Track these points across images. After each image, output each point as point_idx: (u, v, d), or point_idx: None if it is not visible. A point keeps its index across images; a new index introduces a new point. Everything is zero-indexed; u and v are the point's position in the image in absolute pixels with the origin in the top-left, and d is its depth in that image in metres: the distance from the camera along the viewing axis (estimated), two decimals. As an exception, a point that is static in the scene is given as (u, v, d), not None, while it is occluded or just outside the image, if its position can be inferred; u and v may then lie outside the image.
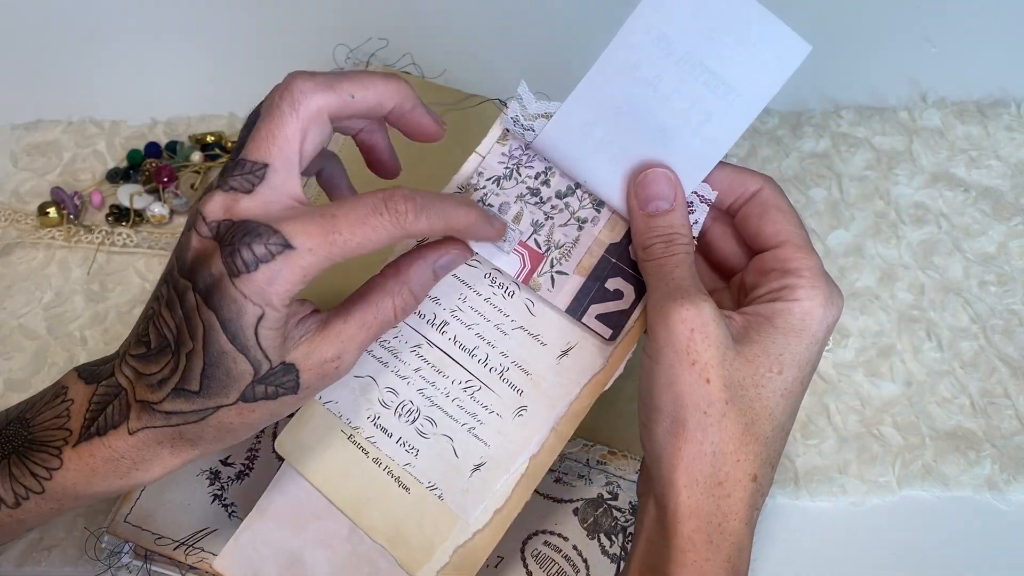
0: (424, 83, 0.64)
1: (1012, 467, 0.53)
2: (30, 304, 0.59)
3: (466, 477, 0.43)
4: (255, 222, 0.35)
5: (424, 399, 0.43)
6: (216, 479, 0.50)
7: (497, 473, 0.43)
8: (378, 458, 0.43)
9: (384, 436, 0.43)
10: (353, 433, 0.44)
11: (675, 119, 0.41)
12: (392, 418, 0.44)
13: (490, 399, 0.43)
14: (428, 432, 0.43)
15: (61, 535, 0.51)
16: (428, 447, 0.43)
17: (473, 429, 0.43)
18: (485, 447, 0.43)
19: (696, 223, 0.42)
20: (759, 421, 0.38)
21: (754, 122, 0.65)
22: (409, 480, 0.43)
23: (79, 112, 0.67)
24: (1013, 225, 0.61)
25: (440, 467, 0.43)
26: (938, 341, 0.57)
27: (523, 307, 0.43)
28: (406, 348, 0.44)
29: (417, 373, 0.44)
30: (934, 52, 0.70)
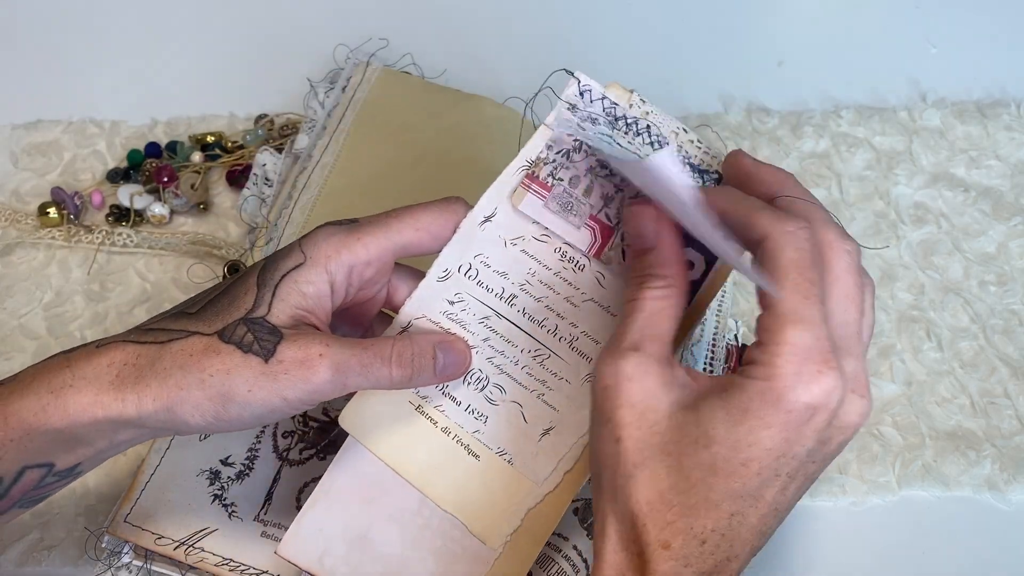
0: (424, 83, 0.64)
1: (1012, 467, 0.53)
2: (30, 304, 0.59)
3: (536, 441, 0.43)
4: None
5: (493, 367, 0.43)
6: (216, 479, 0.50)
7: (567, 437, 0.43)
8: (447, 427, 0.43)
9: (453, 404, 0.43)
10: (421, 403, 0.43)
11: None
12: (461, 386, 0.43)
13: (559, 366, 0.43)
14: (497, 399, 0.43)
15: (61, 535, 0.51)
16: (497, 414, 0.43)
17: (543, 395, 0.43)
18: (555, 412, 0.43)
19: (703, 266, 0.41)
20: (678, 491, 0.34)
21: (754, 122, 0.66)
22: (478, 447, 0.43)
23: (79, 112, 0.67)
24: (1013, 225, 0.61)
25: (509, 433, 0.43)
26: (938, 341, 0.57)
27: (594, 280, 0.43)
28: (474, 320, 0.43)
29: (486, 343, 0.43)
30: (934, 52, 0.70)
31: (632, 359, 0.36)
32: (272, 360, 0.38)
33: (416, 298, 0.44)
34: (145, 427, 0.39)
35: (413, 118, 0.62)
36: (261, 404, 0.38)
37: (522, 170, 0.43)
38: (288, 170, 0.61)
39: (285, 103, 0.66)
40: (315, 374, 0.38)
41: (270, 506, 0.49)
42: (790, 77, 0.69)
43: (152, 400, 0.38)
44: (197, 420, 0.38)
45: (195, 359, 0.38)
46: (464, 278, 0.43)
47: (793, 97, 0.67)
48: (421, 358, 0.41)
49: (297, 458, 0.50)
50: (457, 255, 0.43)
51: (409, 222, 0.42)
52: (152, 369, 0.38)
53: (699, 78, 0.69)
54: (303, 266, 0.41)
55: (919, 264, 0.60)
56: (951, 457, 0.53)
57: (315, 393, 0.39)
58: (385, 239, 0.42)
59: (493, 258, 0.43)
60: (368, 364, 0.40)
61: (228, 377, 0.38)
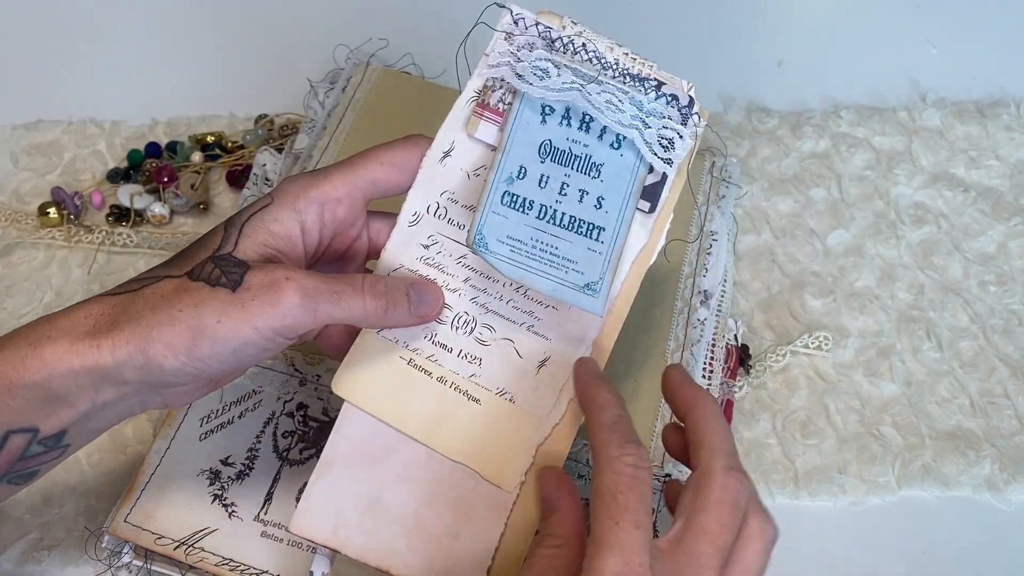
0: (424, 83, 0.64)
1: (1012, 467, 0.53)
2: (30, 304, 0.59)
3: (534, 375, 0.43)
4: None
5: (478, 307, 0.43)
6: (216, 479, 0.50)
7: (564, 364, 0.43)
8: (442, 376, 0.43)
9: (444, 352, 0.43)
10: (412, 356, 0.43)
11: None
12: (449, 332, 0.43)
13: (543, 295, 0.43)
14: (488, 339, 0.43)
15: (61, 535, 0.51)
16: (490, 354, 0.43)
17: (532, 327, 0.43)
18: (547, 342, 0.43)
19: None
20: None
21: (754, 122, 0.66)
22: (477, 391, 0.43)
23: (79, 112, 0.67)
24: (1013, 225, 0.61)
25: (506, 371, 0.43)
26: (938, 341, 0.57)
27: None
28: (451, 261, 0.44)
29: (467, 284, 0.43)
30: (934, 52, 0.70)
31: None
32: (239, 289, 0.38)
33: (391, 248, 0.44)
34: (124, 381, 0.39)
35: (413, 118, 0.62)
36: (232, 335, 0.38)
37: (472, 101, 0.43)
38: (288, 170, 0.61)
39: (285, 103, 0.66)
40: (283, 296, 0.38)
41: (270, 506, 0.49)
42: (790, 77, 0.69)
43: (126, 343, 0.38)
44: (171, 361, 0.38)
45: (166, 299, 0.39)
46: (435, 219, 0.44)
47: (793, 97, 0.68)
48: (394, 292, 0.41)
49: (297, 458, 0.51)
50: (423, 196, 0.44)
51: (374, 158, 0.43)
52: (126, 314, 0.39)
53: (699, 78, 0.68)
54: (270, 206, 0.41)
55: (919, 264, 0.60)
56: (951, 457, 0.53)
57: (285, 318, 0.38)
58: (351, 175, 0.42)
59: (459, 193, 0.43)
60: (339, 292, 0.40)
61: (197, 311, 0.38)
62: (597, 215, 0.42)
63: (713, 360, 0.55)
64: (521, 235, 0.42)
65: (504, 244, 0.41)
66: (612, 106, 0.42)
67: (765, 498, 0.52)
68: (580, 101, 0.42)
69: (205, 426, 0.51)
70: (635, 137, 0.42)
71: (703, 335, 0.55)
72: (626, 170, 0.43)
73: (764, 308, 0.58)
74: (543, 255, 0.42)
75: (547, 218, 0.42)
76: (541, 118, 0.43)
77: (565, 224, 0.42)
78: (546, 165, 0.42)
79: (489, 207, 0.42)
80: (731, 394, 0.54)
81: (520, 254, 0.41)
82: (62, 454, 0.42)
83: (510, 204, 0.42)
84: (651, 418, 0.52)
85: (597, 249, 0.42)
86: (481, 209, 0.41)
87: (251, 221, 0.41)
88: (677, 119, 0.43)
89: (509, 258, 0.41)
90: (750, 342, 0.57)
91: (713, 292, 0.57)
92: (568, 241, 0.42)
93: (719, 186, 0.61)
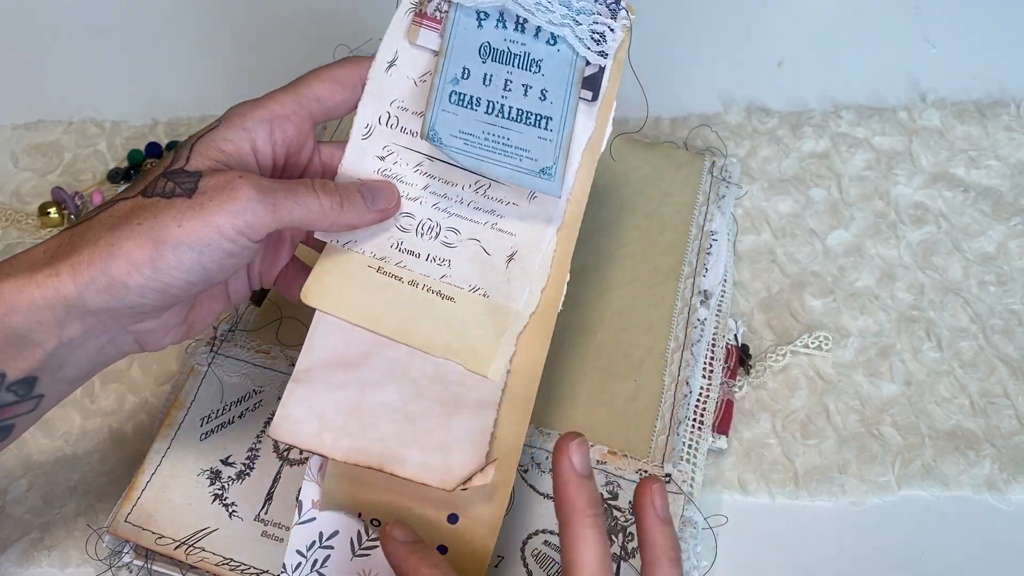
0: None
1: (1012, 467, 0.53)
2: (31, 304, 0.59)
3: (504, 270, 0.44)
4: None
5: (441, 212, 0.44)
6: (216, 479, 0.50)
7: (531, 255, 0.44)
8: (413, 279, 0.44)
9: (412, 258, 0.44)
10: (381, 264, 0.44)
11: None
12: (415, 239, 0.44)
13: (503, 192, 0.44)
14: (454, 241, 0.44)
15: (62, 535, 0.51)
16: (458, 255, 0.44)
17: (496, 224, 0.44)
18: (512, 237, 0.44)
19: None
20: None
21: (754, 122, 0.66)
22: (450, 290, 0.44)
23: (80, 112, 0.67)
24: (1012, 225, 0.61)
25: (476, 269, 0.44)
26: (938, 341, 0.57)
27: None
28: (408, 170, 0.44)
29: (427, 191, 0.44)
30: (934, 52, 0.70)
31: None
32: (195, 195, 0.38)
33: (346, 164, 0.44)
34: (89, 310, 0.38)
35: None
36: (195, 239, 0.38)
37: (409, 11, 0.45)
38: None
39: (285, 103, 0.66)
40: (239, 192, 0.38)
41: (270, 506, 0.49)
42: (790, 77, 0.69)
43: (87, 266, 0.37)
44: (135, 277, 0.38)
45: (123, 218, 0.38)
46: (387, 128, 0.44)
47: (793, 97, 0.68)
48: (346, 190, 0.42)
49: (297, 458, 0.51)
50: (373, 108, 0.44)
51: (315, 76, 0.44)
52: (83, 239, 0.38)
53: (699, 78, 0.69)
54: (219, 127, 0.42)
55: (919, 264, 0.60)
56: (951, 457, 0.53)
57: (244, 212, 0.38)
58: (295, 93, 0.43)
59: (408, 100, 0.44)
60: (292, 189, 0.40)
61: (156, 220, 0.38)
62: (543, 106, 0.44)
63: (713, 360, 0.55)
64: (472, 129, 0.43)
65: (457, 138, 0.42)
66: (542, 7, 0.43)
67: (765, 498, 0.52)
68: (510, 4, 0.43)
69: (205, 426, 0.51)
70: (567, 35, 0.44)
71: (703, 335, 0.55)
72: (564, 63, 0.44)
73: (764, 308, 0.58)
74: (496, 146, 0.43)
75: (495, 112, 0.43)
76: (477, 23, 0.44)
77: (513, 116, 0.43)
78: (488, 65, 0.44)
79: (438, 106, 0.43)
80: (731, 394, 0.54)
81: (474, 146, 0.42)
82: (36, 406, 0.41)
83: (458, 102, 0.43)
84: (651, 418, 0.52)
85: (547, 137, 0.43)
86: (431, 108, 0.43)
87: (201, 140, 0.41)
88: (606, 14, 0.44)
89: (463, 150, 0.42)
90: (750, 342, 0.57)
91: (713, 292, 0.57)
92: (518, 132, 0.43)
93: (719, 186, 0.61)
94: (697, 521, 0.50)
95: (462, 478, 0.41)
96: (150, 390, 0.56)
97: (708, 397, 0.53)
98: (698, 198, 0.60)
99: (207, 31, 0.72)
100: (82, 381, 0.42)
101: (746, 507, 0.52)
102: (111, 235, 0.38)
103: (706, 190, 0.60)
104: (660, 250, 0.58)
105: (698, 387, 0.53)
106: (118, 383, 0.56)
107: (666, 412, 0.52)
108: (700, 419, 0.52)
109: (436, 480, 0.41)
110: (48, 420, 0.55)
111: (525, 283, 0.44)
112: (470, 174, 0.44)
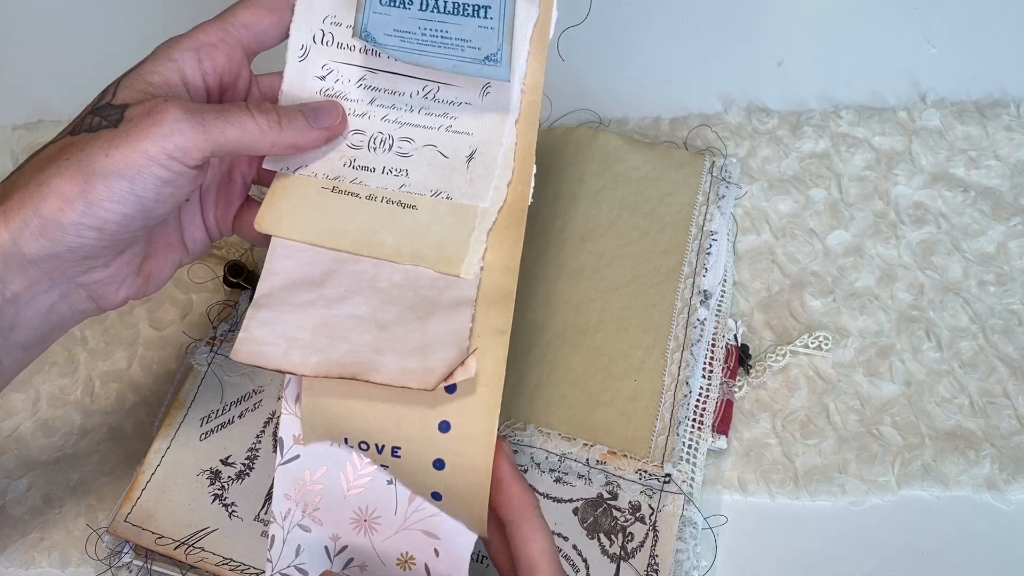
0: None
1: (1012, 467, 0.53)
2: (30, 304, 0.59)
3: (464, 170, 0.42)
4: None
5: (391, 124, 0.43)
6: (216, 479, 0.50)
7: (492, 151, 0.42)
8: (371, 194, 0.42)
9: (367, 173, 0.43)
10: (336, 183, 0.43)
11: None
12: (368, 154, 0.43)
13: (453, 93, 0.43)
14: (409, 151, 0.43)
15: (61, 535, 0.51)
16: (415, 163, 0.43)
17: (450, 127, 0.43)
18: (469, 136, 0.43)
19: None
20: None
21: (754, 122, 0.66)
22: (411, 199, 0.42)
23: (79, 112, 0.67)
24: (1012, 225, 0.61)
25: (436, 173, 0.42)
26: (937, 341, 0.57)
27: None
28: (351, 86, 0.43)
29: (374, 104, 0.43)
30: (934, 52, 0.70)
31: None
32: (121, 124, 0.37)
33: (286, 88, 0.43)
34: (28, 259, 0.37)
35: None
36: (123, 165, 0.37)
37: None
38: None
39: (285, 103, 0.66)
40: (165, 115, 0.37)
41: (270, 506, 0.49)
42: (790, 77, 0.69)
43: (18, 210, 0.36)
44: (68, 214, 0.36)
45: (51, 159, 0.37)
46: (323, 47, 0.43)
47: (793, 97, 0.67)
48: (286, 111, 0.40)
49: (297, 458, 0.50)
50: (306, 27, 0.43)
51: (241, 4, 0.43)
52: (13, 185, 0.37)
53: (699, 78, 0.69)
54: (145, 61, 0.41)
55: (919, 264, 0.60)
56: (951, 457, 0.53)
57: (172, 134, 0.37)
58: (221, 21, 0.42)
59: (341, 14, 0.43)
60: (224, 110, 0.39)
61: (83, 153, 0.37)
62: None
63: (713, 360, 0.55)
64: (408, 27, 0.41)
65: (392, 37, 0.41)
66: None
67: (765, 498, 0.52)
68: None
69: (205, 426, 0.51)
70: None
71: (703, 335, 0.55)
72: None
73: (764, 308, 0.58)
74: (435, 39, 0.41)
75: (430, 8, 0.42)
76: None
77: (448, 10, 0.42)
78: None
79: (369, 8, 0.41)
80: (731, 394, 0.54)
81: (411, 42, 0.41)
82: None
83: (389, 3, 0.42)
84: (651, 418, 0.52)
85: (488, 25, 0.42)
86: (361, 9, 0.41)
87: (127, 76, 0.40)
88: None
89: (400, 47, 0.41)
90: (750, 342, 0.57)
91: (713, 292, 0.57)
92: (456, 24, 0.41)
93: (719, 186, 0.61)
94: (697, 521, 0.50)
95: (442, 375, 0.38)
96: (150, 390, 0.56)
97: (708, 397, 0.53)
98: (698, 198, 0.60)
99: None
100: (39, 347, 0.41)
101: (746, 507, 0.52)
102: (40, 175, 0.37)
103: (706, 190, 0.60)
104: (660, 250, 0.58)
105: (698, 387, 0.53)
106: (118, 383, 0.56)
107: (666, 412, 0.52)
108: (700, 419, 0.52)
109: (416, 381, 0.38)
110: (48, 420, 0.55)
111: (489, 180, 0.42)
112: (416, 80, 0.43)
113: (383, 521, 0.40)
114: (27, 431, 0.54)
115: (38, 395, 0.55)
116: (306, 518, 0.41)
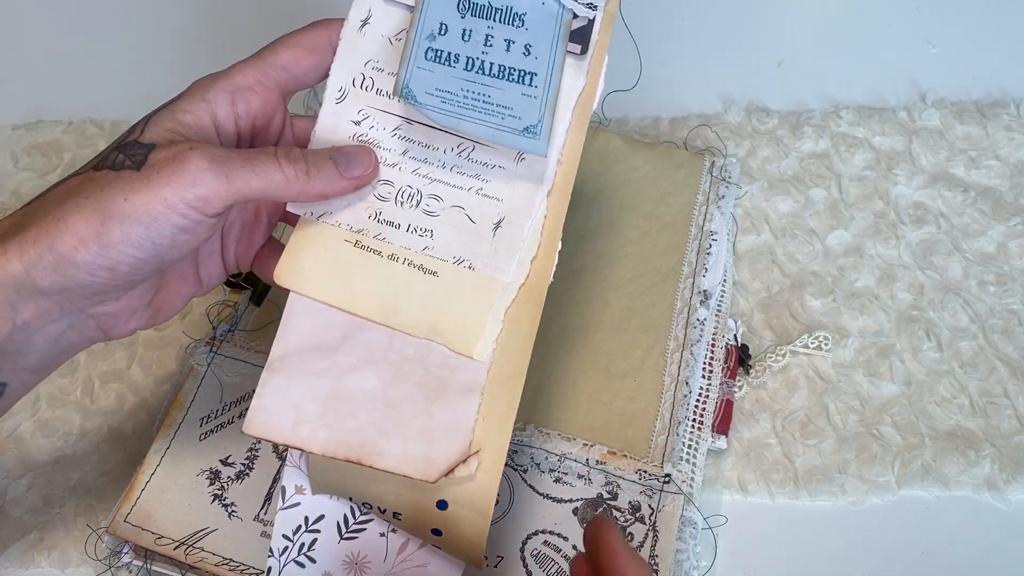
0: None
1: (1012, 467, 0.53)
2: (30, 304, 0.59)
3: (490, 239, 0.41)
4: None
5: (422, 178, 0.42)
6: (216, 479, 0.50)
7: (520, 221, 0.41)
8: (393, 253, 0.41)
9: (392, 229, 0.41)
10: (358, 237, 0.41)
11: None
12: (395, 208, 0.41)
13: (488, 154, 0.42)
14: (436, 209, 0.41)
15: (61, 535, 0.51)
16: (441, 224, 0.41)
17: (481, 190, 0.42)
18: (499, 202, 0.41)
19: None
20: None
21: (754, 122, 0.66)
22: (433, 263, 0.41)
23: (79, 112, 0.67)
24: (1012, 225, 0.61)
25: (460, 238, 0.41)
26: (937, 341, 0.57)
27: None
28: (386, 135, 0.42)
29: (406, 156, 0.42)
30: (934, 52, 0.70)
31: None
32: (144, 168, 0.37)
33: (319, 131, 0.42)
34: (40, 290, 0.36)
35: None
36: (142, 212, 0.36)
37: None
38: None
39: (285, 103, 0.66)
40: (188, 163, 0.36)
41: (270, 506, 0.49)
42: (790, 77, 0.69)
43: (33, 243, 0.36)
44: (82, 253, 0.36)
45: (71, 193, 0.37)
46: (362, 91, 0.42)
47: (793, 97, 0.68)
48: (315, 157, 0.39)
49: (297, 458, 0.51)
50: (347, 69, 0.42)
51: (280, 44, 0.42)
52: (32, 216, 0.37)
53: (699, 78, 0.69)
54: (178, 100, 0.40)
55: (919, 264, 0.60)
56: (950, 457, 0.53)
57: (195, 184, 0.36)
58: (259, 62, 0.41)
59: (384, 60, 0.42)
60: (252, 159, 0.38)
61: (102, 193, 0.36)
62: (526, 62, 0.41)
63: (713, 360, 0.55)
64: (450, 87, 0.40)
65: (434, 96, 0.40)
66: None
67: (765, 498, 0.52)
68: None
69: (205, 426, 0.51)
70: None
71: (703, 335, 0.55)
72: (550, 17, 0.42)
73: (764, 308, 0.58)
74: (476, 103, 0.40)
75: (475, 69, 0.41)
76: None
77: (494, 73, 0.41)
78: (467, 20, 0.41)
79: (413, 62, 0.40)
80: (731, 394, 0.54)
81: (452, 104, 0.40)
82: (0, 395, 0.39)
83: (435, 59, 0.41)
84: (651, 418, 0.52)
85: (531, 94, 0.41)
86: (405, 64, 0.40)
87: (158, 113, 0.39)
88: None
89: (440, 108, 0.40)
90: (750, 342, 0.57)
91: (713, 292, 0.57)
92: (500, 89, 0.41)
93: (719, 186, 0.61)
94: (697, 521, 0.50)
95: (444, 470, 0.39)
96: (150, 390, 0.56)
97: (708, 397, 0.53)
98: (698, 198, 0.60)
99: (207, 31, 0.72)
100: (47, 370, 0.41)
101: (746, 507, 0.52)
102: (58, 210, 0.36)
103: (706, 190, 0.60)
104: (660, 250, 0.58)
105: (698, 387, 0.53)
106: (118, 383, 0.56)
107: (666, 412, 0.52)
108: (700, 419, 0.52)
109: (418, 472, 0.39)
110: (48, 420, 0.55)
111: (513, 252, 0.41)
112: (452, 136, 0.42)
113: (373, 566, 0.42)
114: (27, 431, 0.54)
115: (38, 395, 0.55)
116: (301, 556, 0.42)
